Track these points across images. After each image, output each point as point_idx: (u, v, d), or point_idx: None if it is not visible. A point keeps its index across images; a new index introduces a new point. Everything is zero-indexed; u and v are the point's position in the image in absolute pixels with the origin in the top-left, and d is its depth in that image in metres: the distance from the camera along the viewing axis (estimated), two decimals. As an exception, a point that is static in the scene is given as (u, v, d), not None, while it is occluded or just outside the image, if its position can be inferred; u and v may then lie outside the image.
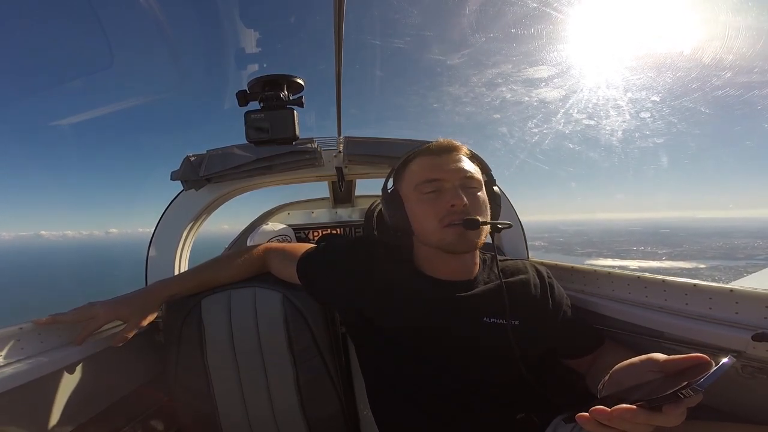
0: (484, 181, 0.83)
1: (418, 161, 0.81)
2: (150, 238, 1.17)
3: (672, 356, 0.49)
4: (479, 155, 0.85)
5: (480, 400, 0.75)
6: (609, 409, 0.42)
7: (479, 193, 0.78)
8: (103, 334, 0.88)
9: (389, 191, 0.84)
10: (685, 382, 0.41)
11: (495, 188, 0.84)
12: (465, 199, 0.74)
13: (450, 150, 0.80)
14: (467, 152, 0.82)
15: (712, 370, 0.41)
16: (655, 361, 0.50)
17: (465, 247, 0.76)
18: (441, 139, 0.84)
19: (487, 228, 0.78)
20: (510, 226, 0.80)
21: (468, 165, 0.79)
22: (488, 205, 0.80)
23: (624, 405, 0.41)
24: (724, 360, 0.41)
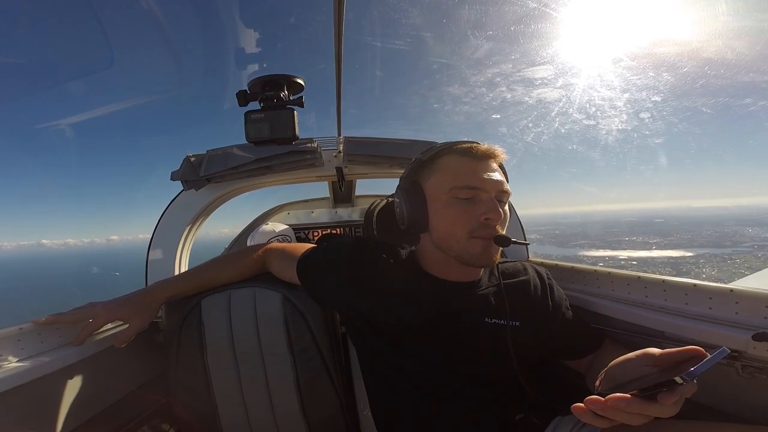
0: None
1: (455, 160, 0.76)
2: (150, 239, 1.17)
3: (667, 350, 0.49)
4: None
5: (481, 401, 0.75)
6: (603, 399, 0.42)
7: (507, 207, 0.77)
8: (103, 334, 0.88)
9: (411, 182, 0.79)
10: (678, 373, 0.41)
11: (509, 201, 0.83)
12: (501, 214, 0.72)
13: (491, 157, 0.76)
14: (502, 161, 0.79)
15: (705, 359, 0.41)
16: (651, 356, 0.50)
17: (487, 262, 0.75)
18: (481, 144, 0.78)
19: None
20: (528, 244, 0.79)
21: (502, 176, 0.77)
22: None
23: (618, 394, 0.42)
24: (719, 350, 0.41)
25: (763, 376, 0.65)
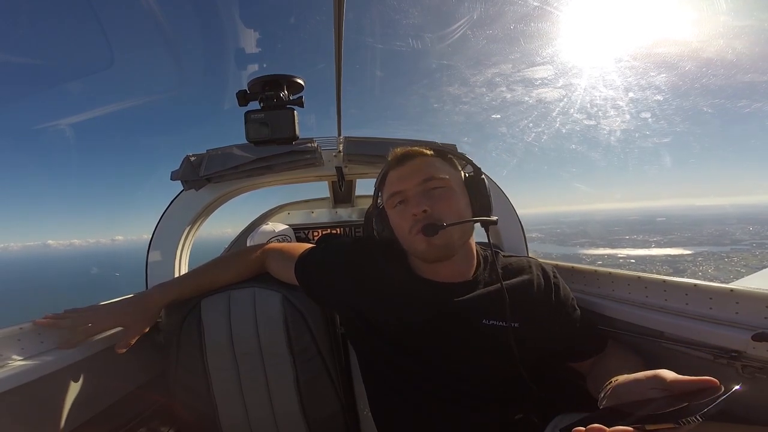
0: (468, 175, 0.82)
1: (389, 175, 0.82)
2: (150, 239, 1.17)
3: (680, 377, 0.48)
4: (455, 150, 0.83)
5: (479, 401, 0.75)
6: (607, 430, 0.42)
7: (446, 193, 0.76)
8: (103, 334, 0.88)
9: (378, 207, 0.86)
10: (686, 405, 0.40)
11: (482, 177, 0.82)
12: (422, 206, 0.73)
13: (409, 158, 0.80)
14: (431, 153, 0.81)
15: (719, 398, 0.40)
16: (662, 379, 0.50)
17: (435, 254, 0.75)
18: (398, 149, 0.83)
19: (464, 225, 0.77)
20: (495, 221, 0.77)
21: (430, 167, 0.78)
22: (464, 201, 0.78)
23: (621, 427, 0.42)
24: (734, 388, 0.40)
25: (763, 376, 0.65)
